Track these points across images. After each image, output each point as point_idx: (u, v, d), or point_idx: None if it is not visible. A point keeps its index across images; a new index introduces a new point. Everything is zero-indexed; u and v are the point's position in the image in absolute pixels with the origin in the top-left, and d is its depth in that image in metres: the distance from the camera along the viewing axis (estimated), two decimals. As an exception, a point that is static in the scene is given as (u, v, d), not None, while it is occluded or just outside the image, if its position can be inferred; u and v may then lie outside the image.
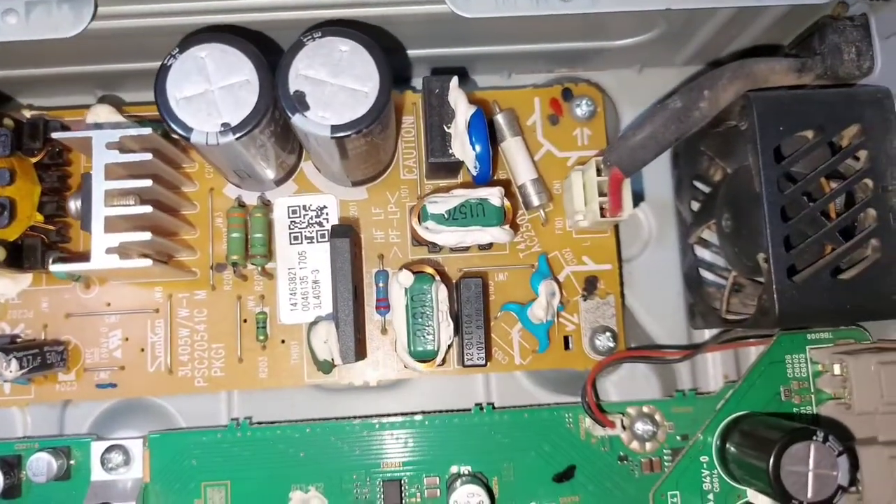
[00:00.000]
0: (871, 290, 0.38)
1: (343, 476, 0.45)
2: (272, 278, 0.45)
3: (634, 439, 0.46)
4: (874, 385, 0.38)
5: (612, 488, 0.45)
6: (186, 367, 0.45)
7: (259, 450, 0.45)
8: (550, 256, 0.47)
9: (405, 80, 0.49)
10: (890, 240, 0.38)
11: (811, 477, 0.34)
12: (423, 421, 0.46)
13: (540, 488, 0.45)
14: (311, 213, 0.46)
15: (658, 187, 0.50)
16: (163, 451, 0.45)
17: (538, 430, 0.46)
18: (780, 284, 0.37)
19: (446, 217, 0.41)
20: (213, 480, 0.45)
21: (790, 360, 0.42)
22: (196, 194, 0.46)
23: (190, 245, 0.45)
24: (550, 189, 0.47)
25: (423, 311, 0.41)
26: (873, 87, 0.40)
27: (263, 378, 0.45)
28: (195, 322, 0.45)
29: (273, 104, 0.36)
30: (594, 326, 0.46)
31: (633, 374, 0.48)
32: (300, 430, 0.45)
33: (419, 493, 0.45)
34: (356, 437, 0.45)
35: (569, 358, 0.46)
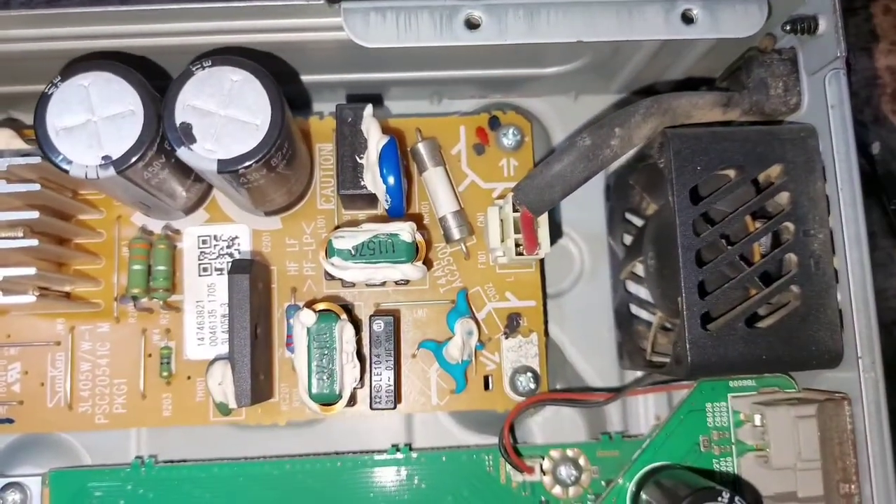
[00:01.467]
0: (790, 339, 0.36)
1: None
2: (179, 311, 0.43)
3: (557, 484, 0.44)
4: (791, 440, 0.36)
5: (535, 535, 0.44)
6: (87, 402, 0.43)
7: (163, 490, 0.43)
8: (472, 292, 0.45)
9: (307, 106, 0.47)
10: (810, 287, 0.36)
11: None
12: (336, 462, 0.44)
13: (463, 543, 0.44)
14: (222, 244, 0.44)
15: (592, 219, 0.48)
16: (63, 490, 0.43)
17: (457, 474, 0.44)
18: (692, 334, 0.36)
19: (353, 253, 0.39)
20: (124, 515, 0.43)
21: (711, 408, 0.40)
22: (102, 222, 0.44)
23: (93, 276, 0.43)
24: (474, 222, 0.45)
25: (326, 353, 0.39)
26: (798, 125, 0.38)
27: (167, 416, 0.43)
28: (97, 356, 0.43)
29: (160, 136, 0.35)
30: (516, 366, 0.44)
31: (559, 415, 0.46)
32: (207, 470, 0.43)
33: (333, 539, 0.43)
34: (265, 477, 0.43)
35: (488, 399, 0.44)
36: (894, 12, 0.54)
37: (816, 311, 0.36)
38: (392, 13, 0.36)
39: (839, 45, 0.36)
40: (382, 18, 0.36)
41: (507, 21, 0.36)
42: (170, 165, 0.37)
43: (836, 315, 0.36)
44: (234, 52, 0.36)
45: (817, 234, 0.36)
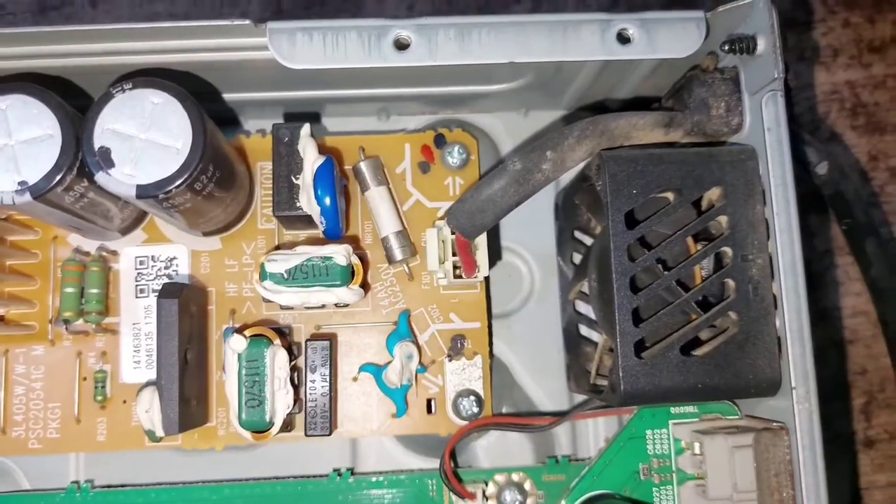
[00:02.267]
0: (727, 367, 0.35)
1: (190, 545, 0.42)
2: (115, 334, 0.43)
3: (502, 514, 0.43)
4: (728, 470, 0.35)
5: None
6: (21, 427, 0.42)
7: (100, 517, 0.43)
8: (416, 313, 0.44)
9: (242, 125, 0.47)
10: (748, 313, 0.35)
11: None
12: (276, 487, 0.43)
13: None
14: (160, 265, 0.43)
15: (541, 238, 0.47)
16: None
17: (399, 499, 0.43)
18: (625, 362, 0.35)
19: (286, 277, 0.39)
20: (54, 557, 0.42)
21: (651, 435, 0.39)
22: (36, 243, 0.43)
23: (27, 298, 0.42)
24: (419, 242, 0.44)
25: (257, 380, 0.38)
26: (738, 147, 0.37)
27: (102, 440, 0.42)
28: (32, 379, 0.42)
29: (79, 160, 0.34)
30: (459, 389, 0.43)
31: (505, 438, 0.46)
32: (144, 495, 0.43)
33: (266, 565, 0.42)
34: (204, 502, 0.43)
35: (431, 422, 0.43)
36: (853, 26, 0.53)
37: (755, 338, 0.35)
38: (319, 33, 0.35)
39: (777, 66, 0.35)
40: (309, 39, 0.35)
41: (438, 41, 0.36)
42: (94, 189, 0.36)
43: (774, 342, 0.35)
44: (159, 72, 0.36)
45: (756, 258, 0.36)
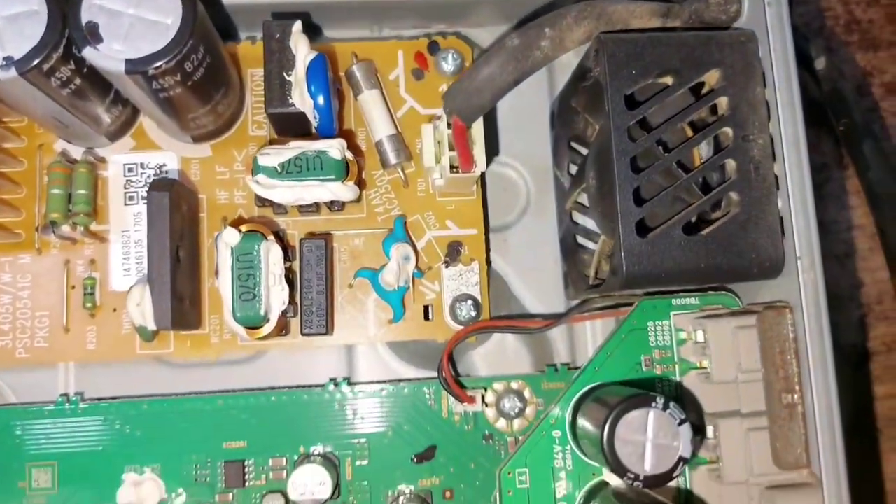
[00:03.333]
0: (729, 247, 0.35)
1: (182, 457, 0.41)
2: (104, 241, 0.42)
3: (501, 417, 0.42)
4: (732, 352, 0.35)
5: (476, 469, 0.42)
6: (7, 336, 0.41)
7: (90, 428, 0.41)
8: (412, 220, 0.43)
9: (235, 32, 0.46)
10: (750, 193, 0.35)
11: (649, 448, 0.31)
12: (271, 397, 0.42)
13: (397, 470, 0.42)
14: (150, 172, 0.42)
15: (537, 150, 0.47)
16: (-11, 429, 0.41)
17: (396, 408, 0.42)
18: (627, 242, 0.34)
19: (279, 170, 0.38)
20: (40, 461, 0.41)
21: (653, 327, 0.38)
22: (23, 150, 0.42)
23: (13, 205, 0.41)
24: (413, 149, 0.43)
25: (251, 273, 0.37)
26: (737, 30, 0.37)
27: (91, 349, 0.41)
28: (18, 288, 0.41)
29: (65, 37, 0.33)
30: (456, 295, 0.43)
31: (503, 346, 0.45)
32: (136, 407, 0.42)
33: (264, 475, 0.42)
34: (197, 414, 0.42)
35: (428, 328, 0.43)
36: (846, -60, 0.53)
37: (757, 218, 0.35)
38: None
39: (774, -56, 0.35)
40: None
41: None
42: (81, 74, 0.35)
43: (776, 222, 0.35)
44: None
45: (756, 139, 0.35)
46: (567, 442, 0.37)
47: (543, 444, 0.38)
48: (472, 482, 0.42)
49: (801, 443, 0.33)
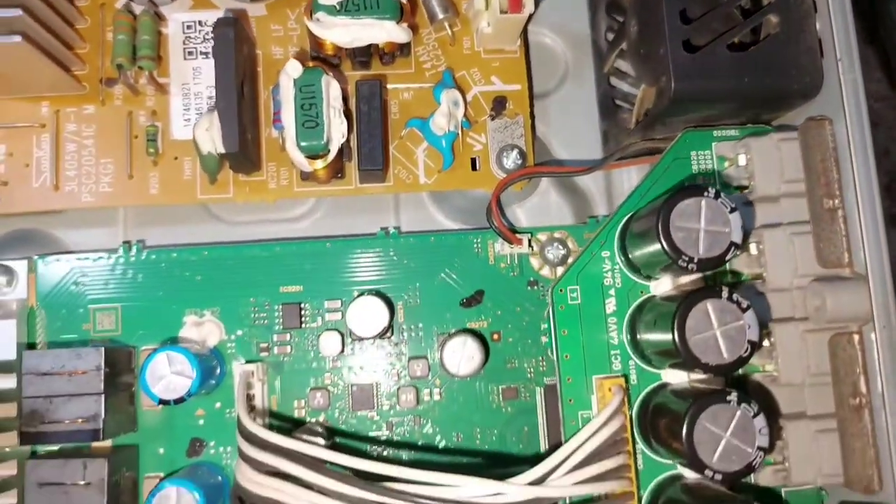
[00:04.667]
0: (771, 65, 0.36)
1: (240, 300, 0.43)
2: (165, 93, 0.43)
3: (545, 264, 0.44)
4: (775, 165, 0.37)
5: (521, 313, 0.44)
6: (73, 182, 0.43)
7: (152, 273, 0.43)
8: (458, 76, 0.45)
9: None
10: (789, 15, 0.37)
11: (702, 234, 0.33)
12: (325, 244, 0.44)
13: (446, 313, 0.44)
14: (207, 29, 0.44)
15: (574, 19, 0.49)
16: (50, 274, 0.43)
17: (445, 255, 0.44)
18: (675, 56, 0.36)
19: (338, 8, 0.40)
20: (104, 304, 0.43)
21: (695, 156, 0.40)
22: (86, 8, 0.44)
23: (79, 58, 0.43)
24: (458, 6, 0.45)
25: (313, 103, 0.39)
26: None
27: (154, 194, 0.43)
28: (83, 137, 0.43)
29: None
30: (502, 145, 0.44)
31: (546, 201, 0.47)
32: (196, 253, 0.43)
33: (320, 317, 0.43)
34: (255, 260, 0.43)
35: (475, 178, 0.45)
36: None
37: (797, 38, 0.37)
38: None
39: None
40: None
41: None
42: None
43: (815, 41, 0.37)
44: None
45: (794, -37, 0.37)
46: (615, 262, 0.39)
47: (594, 264, 0.39)
48: (519, 325, 0.44)
49: (842, 243, 0.35)
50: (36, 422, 0.38)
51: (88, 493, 0.38)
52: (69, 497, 0.38)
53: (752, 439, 0.32)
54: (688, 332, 0.32)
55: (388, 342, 0.43)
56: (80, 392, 0.38)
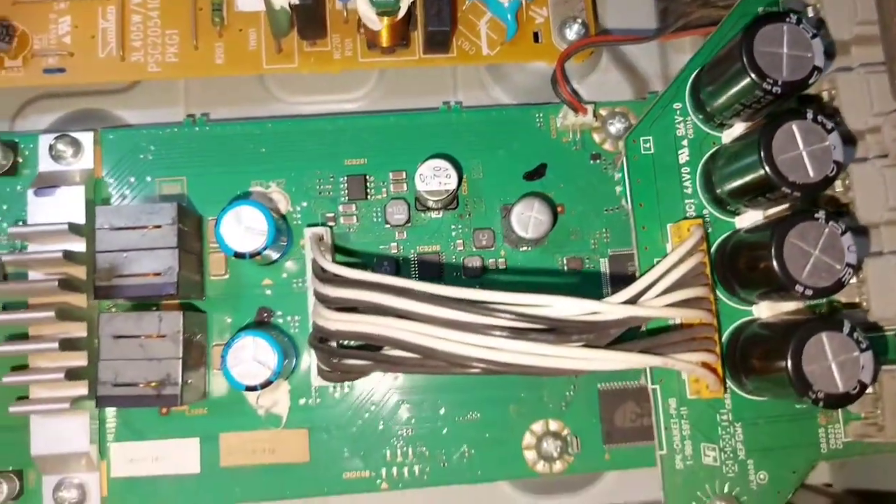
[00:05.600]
0: None
1: (305, 172, 0.43)
2: (229, -36, 0.44)
3: (608, 138, 0.44)
4: (846, 9, 0.37)
5: (585, 186, 0.44)
6: (139, 52, 0.43)
7: (216, 145, 0.43)
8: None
9: None
10: None
11: (785, 58, 0.33)
12: (389, 118, 0.44)
13: (510, 185, 0.44)
14: None
15: None
16: (116, 146, 0.43)
17: (508, 129, 0.44)
18: None
19: None
20: (169, 176, 0.43)
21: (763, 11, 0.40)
22: None
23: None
24: None
25: (382, -45, 0.39)
26: None
27: (220, 64, 0.43)
28: (148, 8, 0.43)
29: None
30: (563, 18, 0.45)
31: (606, 79, 0.47)
32: (261, 126, 0.44)
33: (385, 188, 0.43)
34: (320, 133, 0.44)
35: (537, 50, 0.45)
36: None
37: None
38: None
39: None
40: None
41: None
42: None
43: None
44: None
45: None
46: (688, 113, 0.39)
47: (666, 116, 0.39)
48: (582, 197, 0.44)
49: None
50: (110, 276, 0.38)
51: (164, 345, 0.38)
52: (144, 349, 0.38)
53: (841, 256, 0.32)
54: (774, 152, 0.32)
55: (453, 214, 0.43)
56: (154, 246, 0.38)
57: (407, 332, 0.32)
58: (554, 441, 0.41)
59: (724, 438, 0.37)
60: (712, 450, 0.37)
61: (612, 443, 0.42)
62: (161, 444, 0.41)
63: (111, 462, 0.41)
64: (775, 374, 0.32)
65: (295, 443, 0.41)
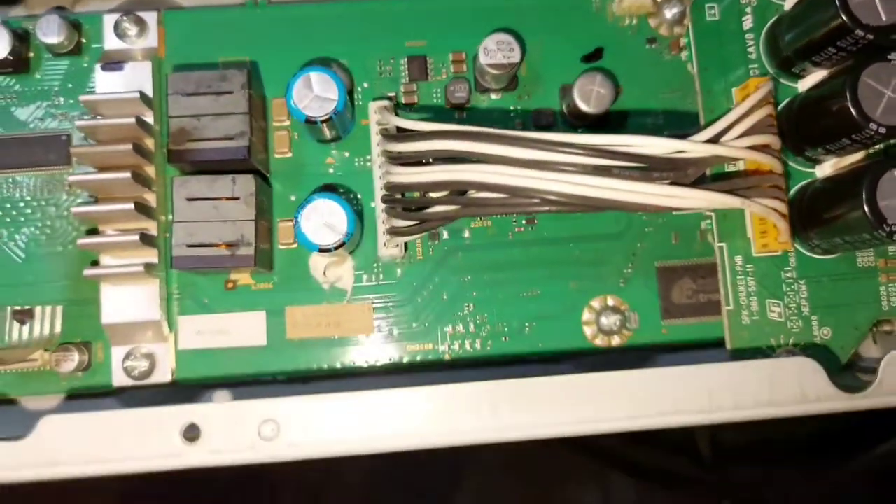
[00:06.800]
0: None
1: (365, 54, 0.44)
2: None
3: (663, 23, 0.45)
4: None
5: (641, 69, 0.44)
6: (203, -67, 0.43)
7: (278, 27, 0.44)
8: None
9: None
10: None
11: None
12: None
13: (569, 68, 0.44)
14: None
15: None
16: (179, 27, 0.43)
17: (563, 12, 0.45)
18: None
19: None
20: (230, 57, 0.43)
21: None
22: None
23: None
24: None
25: None
26: None
27: (283, -57, 0.44)
28: None
29: None
30: None
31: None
32: (322, 8, 0.44)
33: (444, 69, 0.44)
34: (379, 14, 0.44)
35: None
36: None
37: None
38: None
39: None
40: None
41: None
42: None
43: None
44: None
45: None
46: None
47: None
48: (639, 80, 0.44)
49: None
50: (183, 140, 0.38)
51: (237, 207, 0.38)
52: (219, 211, 0.38)
53: None
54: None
55: (512, 94, 0.44)
56: (225, 111, 0.39)
57: (494, 175, 0.32)
58: (613, 315, 0.42)
59: (788, 295, 0.38)
60: (777, 306, 0.38)
61: (669, 318, 0.42)
62: (228, 318, 0.42)
63: (178, 334, 0.41)
64: (847, 216, 0.33)
65: (359, 316, 0.42)
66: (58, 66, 0.43)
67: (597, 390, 0.31)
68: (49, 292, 0.41)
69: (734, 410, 0.31)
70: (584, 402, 0.31)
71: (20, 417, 0.41)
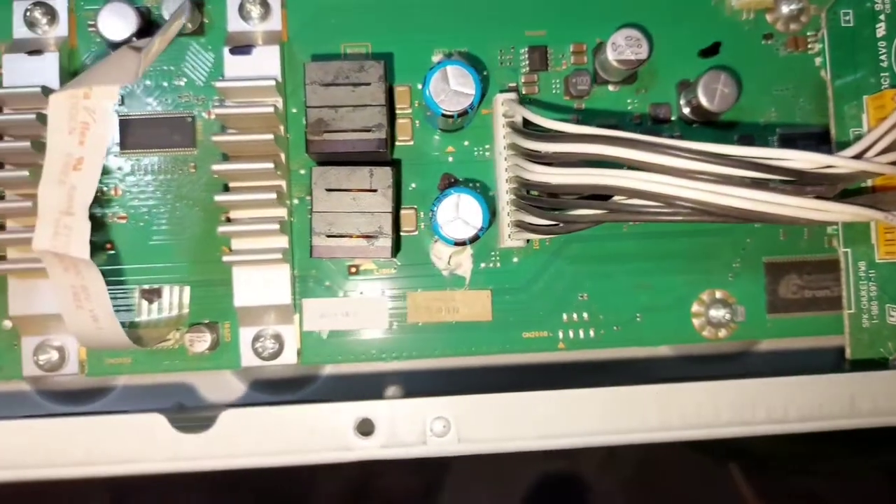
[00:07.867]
0: None
1: (485, 43, 0.44)
2: None
3: (780, 19, 0.45)
4: None
5: (757, 64, 0.45)
6: (329, -86, 0.43)
7: (401, 13, 0.44)
8: None
9: None
10: None
11: None
12: (568, -14, 0.45)
13: (686, 63, 0.45)
14: None
15: None
16: (301, 10, 0.43)
17: (681, 6, 0.45)
18: None
19: None
20: (354, 43, 0.43)
21: None
22: None
23: None
24: None
25: None
26: None
27: (409, -71, 0.43)
28: None
29: None
30: None
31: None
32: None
33: (565, 59, 0.44)
34: (499, 3, 0.44)
35: (717, -72, 0.45)
36: None
37: None
38: None
39: None
40: None
41: None
42: None
43: None
44: None
45: None
46: (886, -13, 0.40)
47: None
48: (756, 75, 0.44)
49: None
50: (320, 131, 0.39)
51: (375, 199, 0.39)
52: (357, 202, 0.39)
53: None
54: None
55: (630, 88, 0.44)
56: (363, 103, 0.39)
57: (649, 183, 0.33)
58: (722, 308, 0.44)
59: (908, 300, 0.39)
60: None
61: (775, 312, 0.44)
62: (351, 301, 0.43)
63: (303, 316, 0.42)
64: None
65: (478, 303, 0.43)
66: (181, 46, 0.43)
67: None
68: (175, 273, 0.42)
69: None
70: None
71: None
